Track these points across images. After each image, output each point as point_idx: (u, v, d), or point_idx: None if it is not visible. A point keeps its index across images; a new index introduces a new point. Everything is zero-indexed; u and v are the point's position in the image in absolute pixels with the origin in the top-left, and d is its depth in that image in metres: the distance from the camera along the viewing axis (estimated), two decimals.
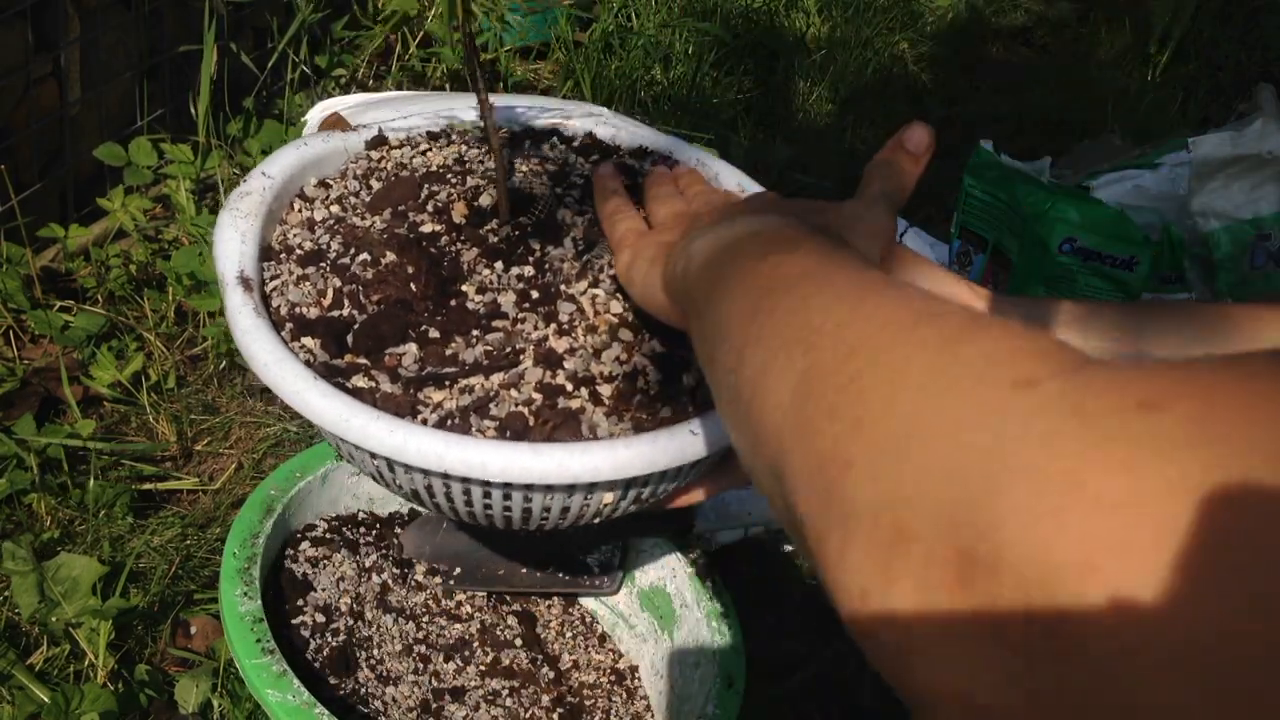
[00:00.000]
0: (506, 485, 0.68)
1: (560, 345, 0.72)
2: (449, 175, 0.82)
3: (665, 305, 0.67)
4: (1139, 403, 0.32)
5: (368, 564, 1.15)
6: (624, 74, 2.33)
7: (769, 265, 0.54)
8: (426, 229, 0.78)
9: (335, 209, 0.80)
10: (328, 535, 1.15)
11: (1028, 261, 1.70)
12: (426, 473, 0.68)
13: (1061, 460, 0.32)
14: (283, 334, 0.71)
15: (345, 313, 0.72)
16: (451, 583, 1.18)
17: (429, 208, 0.80)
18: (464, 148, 0.86)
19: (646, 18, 2.53)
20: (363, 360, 0.71)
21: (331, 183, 0.83)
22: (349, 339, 0.71)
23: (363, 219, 0.79)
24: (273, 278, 0.75)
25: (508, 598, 1.21)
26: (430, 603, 1.16)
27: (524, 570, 1.20)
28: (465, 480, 0.68)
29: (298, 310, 0.72)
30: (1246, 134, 1.72)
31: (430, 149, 0.86)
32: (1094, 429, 0.32)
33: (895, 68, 2.63)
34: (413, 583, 1.17)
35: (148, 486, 1.38)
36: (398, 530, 1.21)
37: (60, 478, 1.33)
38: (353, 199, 0.81)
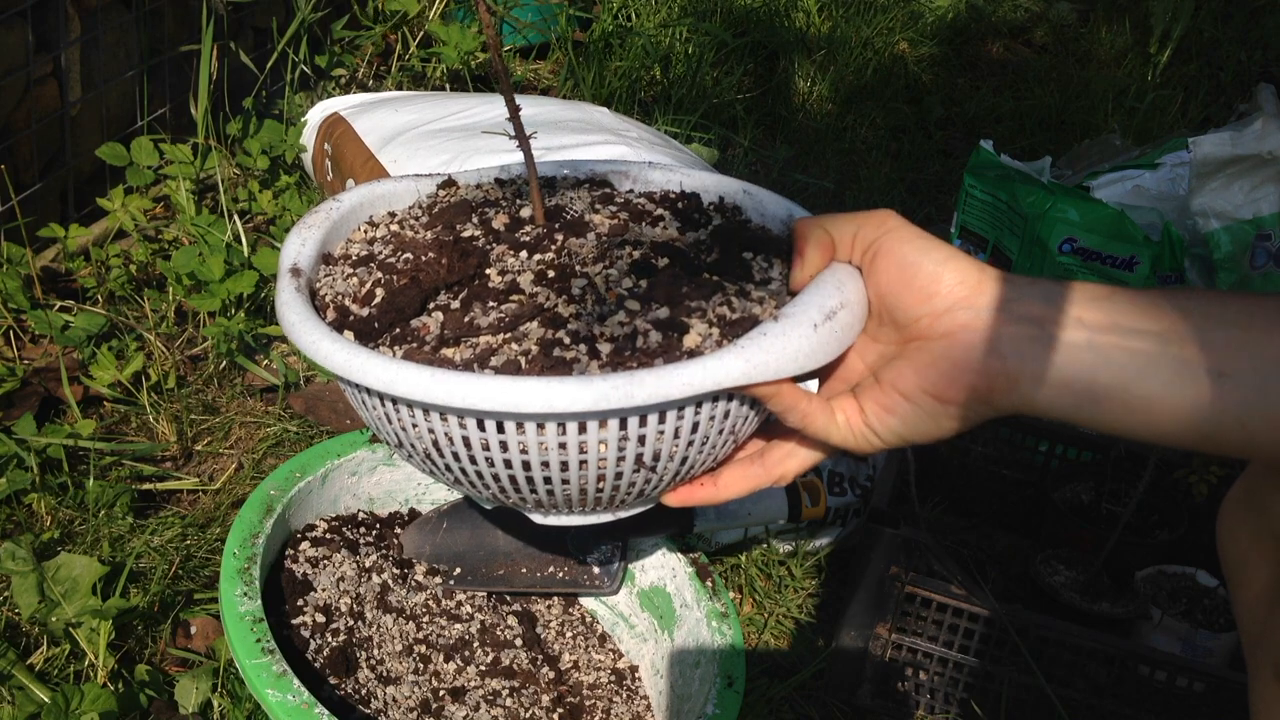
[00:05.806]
0: (488, 414, 0.71)
1: (567, 311, 0.77)
2: (502, 202, 0.91)
3: None
4: None
5: (368, 564, 1.15)
6: (624, 74, 2.33)
7: None
8: (467, 234, 0.86)
9: (395, 228, 0.89)
10: (328, 535, 1.15)
11: (1028, 261, 1.70)
12: (425, 408, 0.73)
13: None
14: (324, 317, 0.80)
15: (379, 297, 0.80)
16: (451, 583, 1.18)
17: (475, 220, 0.88)
18: (526, 187, 0.94)
19: (646, 18, 2.53)
20: (392, 334, 0.78)
21: (398, 213, 0.92)
22: (375, 324, 0.79)
23: (416, 233, 0.88)
24: (326, 275, 0.84)
25: (508, 598, 1.21)
26: (430, 603, 1.16)
27: (524, 570, 1.20)
28: (448, 410, 0.72)
29: (341, 299, 0.81)
30: (1246, 134, 1.72)
31: (493, 188, 0.94)
32: None
33: (895, 68, 2.63)
34: (413, 583, 1.17)
35: (148, 486, 1.38)
36: (398, 530, 1.21)
37: (60, 478, 1.33)
38: (412, 221, 0.90)
